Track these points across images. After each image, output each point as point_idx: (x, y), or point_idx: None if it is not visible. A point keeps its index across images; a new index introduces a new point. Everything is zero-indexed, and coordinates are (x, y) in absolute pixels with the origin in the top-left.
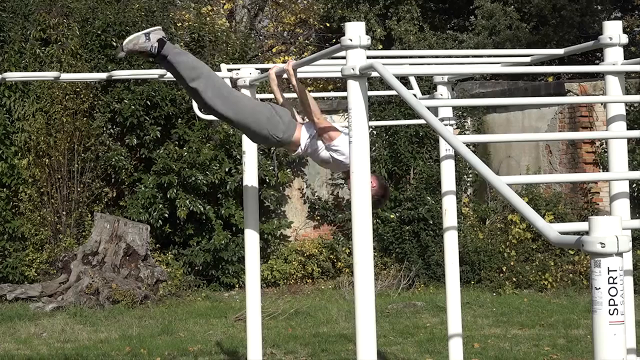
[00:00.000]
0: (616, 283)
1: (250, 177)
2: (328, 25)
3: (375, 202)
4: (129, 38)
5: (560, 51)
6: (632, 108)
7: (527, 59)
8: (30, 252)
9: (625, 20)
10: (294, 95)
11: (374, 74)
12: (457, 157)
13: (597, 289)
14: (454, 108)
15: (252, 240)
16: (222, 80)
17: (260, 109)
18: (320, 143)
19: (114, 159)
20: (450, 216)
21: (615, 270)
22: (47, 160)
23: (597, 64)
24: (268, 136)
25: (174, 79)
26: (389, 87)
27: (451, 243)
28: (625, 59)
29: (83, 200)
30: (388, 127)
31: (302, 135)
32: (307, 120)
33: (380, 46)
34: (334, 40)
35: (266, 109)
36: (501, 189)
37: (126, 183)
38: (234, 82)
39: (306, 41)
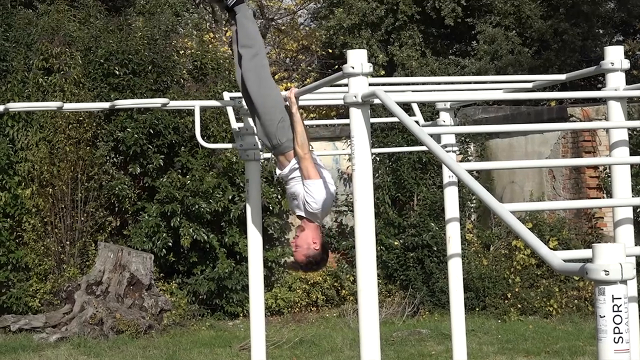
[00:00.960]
0: (621, 311)
1: (254, 205)
2: (330, 51)
3: (307, 263)
4: None
5: (562, 77)
6: (635, 132)
7: (530, 85)
8: (34, 282)
9: (627, 44)
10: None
11: (376, 101)
12: (461, 184)
13: (601, 317)
14: (457, 134)
15: (256, 268)
16: (267, 63)
17: (282, 108)
18: (297, 174)
19: (117, 188)
20: (454, 243)
21: (620, 298)
22: (50, 189)
23: (600, 88)
24: (272, 134)
25: (177, 108)
26: (392, 114)
27: (455, 270)
28: (627, 83)
29: (87, 229)
30: (391, 153)
31: (294, 159)
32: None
33: (383, 72)
34: (336, 67)
35: (284, 115)
36: (504, 217)
37: (129, 212)
38: (237, 109)
39: (308, 68)
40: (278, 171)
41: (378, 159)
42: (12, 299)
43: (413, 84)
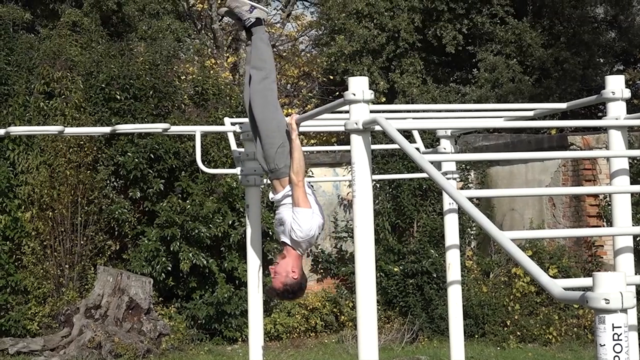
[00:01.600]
0: (621, 340)
1: (254, 230)
2: (331, 78)
3: (283, 290)
4: None
5: (562, 105)
6: (635, 161)
7: (530, 113)
8: (33, 305)
9: (627, 73)
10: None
11: (377, 128)
12: (461, 211)
13: (601, 345)
14: (457, 161)
15: (255, 293)
16: (275, 87)
17: (284, 134)
18: (288, 200)
19: (117, 212)
20: (454, 270)
21: (620, 327)
22: (50, 213)
23: (600, 116)
24: (271, 158)
25: (178, 133)
26: (392, 141)
27: (455, 297)
28: (628, 112)
29: (86, 253)
30: (391, 179)
31: (288, 185)
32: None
33: (384, 99)
34: (337, 93)
35: (287, 140)
36: (505, 244)
37: (129, 236)
38: (237, 135)
39: (309, 94)
40: (271, 195)
41: (378, 185)
42: (11, 321)
43: (414, 111)
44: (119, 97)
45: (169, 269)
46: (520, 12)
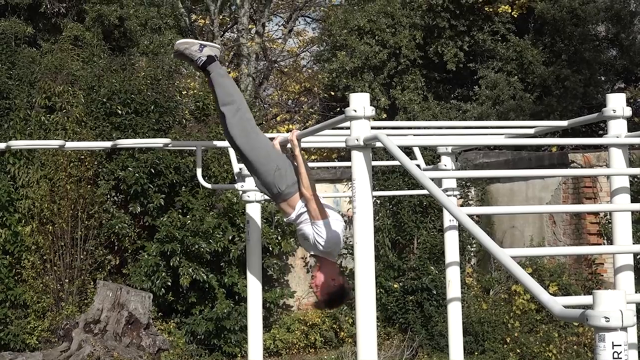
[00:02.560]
0: (621, 358)
1: (254, 245)
2: (332, 94)
3: (329, 299)
4: (183, 40)
5: (564, 123)
6: (636, 180)
7: (531, 130)
8: (32, 319)
9: (628, 91)
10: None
11: (378, 144)
12: (461, 228)
13: None
14: (458, 178)
15: (255, 309)
16: (250, 115)
17: (274, 156)
18: (305, 216)
19: (117, 227)
20: (454, 287)
21: (620, 345)
22: (50, 227)
23: (601, 134)
24: (271, 184)
25: (179, 148)
26: (393, 157)
27: (455, 314)
28: (629, 130)
29: (86, 267)
30: (392, 196)
31: (299, 202)
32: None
33: (384, 115)
34: (338, 109)
35: (280, 159)
36: (505, 262)
37: (129, 251)
38: None
39: (310, 110)
40: (285, 218)
41: (379, 201)
42: (10, 335)
43: (415, 127)
44: (120, 111)
45: (169, 284)
46: (521, 30)
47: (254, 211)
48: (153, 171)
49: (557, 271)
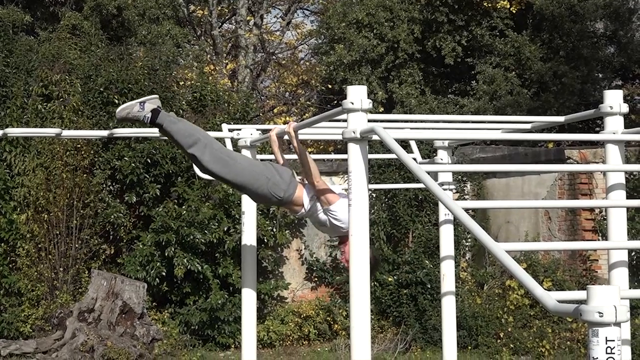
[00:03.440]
0: (614, 353)
1: (249, 237)
2: (330, 86)
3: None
4: (122, 106)
5: (560, 119)
6: (632, 176)
7: (528, 126)
8: (26, 307)
9: (625, 88)
10: (295, 156)
11: (375, 137)
12: (456, 222)
13: (594, 358)
14: (454, 172)
15: (249, 300)
16: (219, 144)
17: (259, 169)
18: (319, 205)
19: (112, 216)
20: (448, 281)
21: (613, 340)
22: (45, 215)
23: (598, 131)
24: (269, 196)
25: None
26: (389, 151)
27: (449, 308)
28: (625, 127)
29: (80, 256)
30: (387, 189)
31: (304, 196)
32: (307, 181)
33: (382, 109)
34: (336, 102)
35: (266, 169)
36: (499, 256)
37: (124, 240)
38: (234, 142)
39: (307, 102)
40: (299, 213)
41: (374, 195)
42: (4, 323)
43: (412, 121)
44: (117, 101)
45: (163, 274)
46: (519, 25)
47: (249, 203)
48: (149, 161)
49: (551, 267)
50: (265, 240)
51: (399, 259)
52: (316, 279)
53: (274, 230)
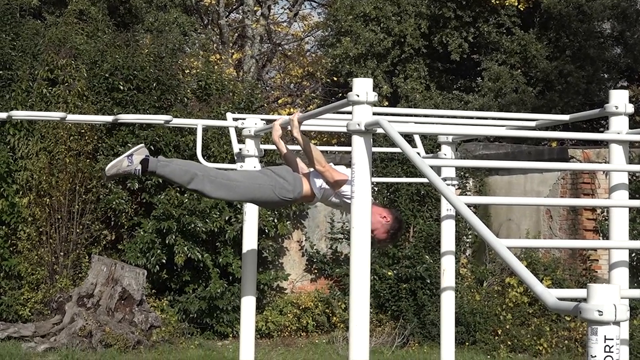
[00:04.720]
0: (612, 352)
1: (250, 227)
2: (335, 79)
3: (391, 235)
4: (111, 163)
5: (565, 117)
6: (634, 177)
7: (532, 124)
8: (26, 291)
9: (631, 89)
10: (297, 147)
11: (379, 130)
12: (458, 218)
13: (592, 357)
14: (457, 168)
15: (248, 290)
16: (215, 170)
17: (261, 181)
18: (330, 190)
19: (114, 202)
20: (448, 276)
21: (612, 339)
22: (47, 200)
23: (602, 131)
24: (279, 201)
25: (179, 125)
26: (393, 144)
27: (448, 303)
28: (630, 128)
29: (81, 241)
30: (389, 184)
31: (313, 185)
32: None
33: (386, 103)
34: (340, 95)
35: (268, 177)
36: (500, 252)
37: (125, 227)
38: (239, 131)
39: (312, 94)
40: (313, 202)
41: (376, 189)
42: (3, 306)
43: (416, 115)
44: (122, 87)
45: (164, 261)
46: (526, 24)
47: None
48: (153, 148)
49: (551, 266)
50: (266, 230)
51: (399, 253)
52: (316, 271)
53: (275, 220)
